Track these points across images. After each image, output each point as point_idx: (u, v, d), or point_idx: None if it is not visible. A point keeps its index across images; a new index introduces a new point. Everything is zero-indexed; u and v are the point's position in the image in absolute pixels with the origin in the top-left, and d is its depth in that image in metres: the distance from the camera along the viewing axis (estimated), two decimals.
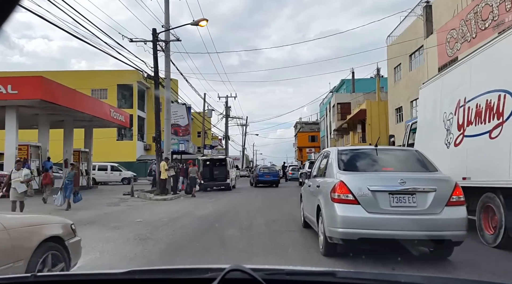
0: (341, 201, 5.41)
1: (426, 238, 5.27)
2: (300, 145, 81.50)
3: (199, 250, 6.47)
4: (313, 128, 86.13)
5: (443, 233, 5.22)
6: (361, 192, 5.33)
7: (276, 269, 1.48)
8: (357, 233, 5.30)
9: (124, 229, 8.51)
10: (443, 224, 5.21)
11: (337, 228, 5.40)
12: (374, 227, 5.25)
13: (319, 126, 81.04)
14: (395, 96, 31.06)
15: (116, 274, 1.48)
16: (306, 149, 75.16)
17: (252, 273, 1.23)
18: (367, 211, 5.27)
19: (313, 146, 74.80)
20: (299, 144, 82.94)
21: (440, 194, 5.31)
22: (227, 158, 24.08)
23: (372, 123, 34.86)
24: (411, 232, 5.19)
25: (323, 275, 1.45)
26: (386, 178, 5.66)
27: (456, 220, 5.27)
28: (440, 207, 5.26)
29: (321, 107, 64.54)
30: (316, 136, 79.23)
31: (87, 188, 25.50)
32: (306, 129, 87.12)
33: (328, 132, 52.52)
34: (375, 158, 6.19)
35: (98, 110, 22.88)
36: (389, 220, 5.22)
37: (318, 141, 75.09)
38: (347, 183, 5.45)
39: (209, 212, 11.76)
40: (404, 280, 1.33)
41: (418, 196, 5.29)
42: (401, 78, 29.90)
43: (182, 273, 1.56)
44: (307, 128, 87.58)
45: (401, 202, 5.27)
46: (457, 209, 5.34)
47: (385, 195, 5.30)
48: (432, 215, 5.23)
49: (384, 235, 5.24)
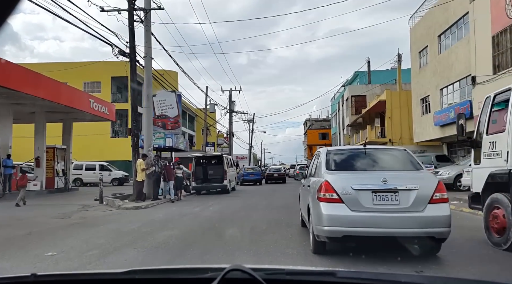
0: (326, 200, 5.52)
1: (409, 235, 5.38)
2: (310, 142, 77.81)
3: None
4: (323, 125, 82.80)
5: (426, 230, 5.32)
6: (345, 191, 5.44)
7: (276, 268, 1.49)
8: (341, 230, 5.38)
9: None
10: (426, 221, 5.30)
11: (322, 226, 5.48)
12: (358, 225, 5.34)
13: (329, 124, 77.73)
14: (420, 84, 27.08)
15: (116, 274, 1.48)
16: (316, 147, 71.17)
17: (252, 272, 1.22)
18: (351, 209, 5.38)
19: (323, 143, 70.86)
20: (309, 141, 79.22)
21: (423, 192, 5.38)
22: (223, 155, 20.46)
23: (392, 116, 30.91)
24: (394, 229, 5.30)
25: (323, 275, 1.47)
26: (369, 177, 5.74)
27: (439, 217, 5.33)
28: (423, 205, 5.34)
29: (332, 102, 60.42)
30: (326, 133, 75.73)
31: (65, 190, 22.02)
32: (316, 127, 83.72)
33: (340, 128, 48.56)
34: (362, 158, 6.28)
35: (71, 99, 19.27)
36: (372, 217, 5.32)
37: (329, 138, 71.43)
38: (332, 183, 5.57)
39: (180, 233, 8.02)
40: (404, 280, 1.32)
41: (401, 194, 5.38)
42: (428, 63, 25.91)
43: (182, 272, 1.56)
44: (317, 126, 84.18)
45: (383, 200, 5.37)
46: (440, 206, 5.41)
47: (368, 193, 5.41)
48: (415, 213, 5.32)
49: (367, 232, 5.35)
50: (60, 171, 22.18)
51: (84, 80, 40.23)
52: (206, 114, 42.35)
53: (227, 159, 21.20)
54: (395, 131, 30.73)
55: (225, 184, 19.41)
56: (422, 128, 26.92)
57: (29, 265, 5.33)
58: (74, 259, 5.63)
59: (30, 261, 5.66)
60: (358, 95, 40.68)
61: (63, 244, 6.89)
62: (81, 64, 41.14)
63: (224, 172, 19.35)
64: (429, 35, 25.52)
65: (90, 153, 35.75)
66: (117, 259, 5.62)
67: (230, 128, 43.23)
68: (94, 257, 5.77)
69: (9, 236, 7.85)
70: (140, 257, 5.72)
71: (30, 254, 6.08)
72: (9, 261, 5.70)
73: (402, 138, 30.64)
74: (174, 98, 18.72)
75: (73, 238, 7.65)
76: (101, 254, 5.96)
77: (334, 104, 56.58)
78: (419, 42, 27.14)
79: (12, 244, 7.01)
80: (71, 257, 5.80)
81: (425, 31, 26.19)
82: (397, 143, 30.52)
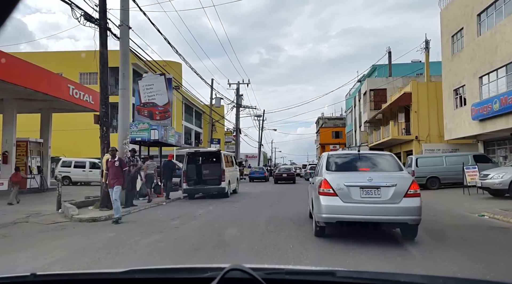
0: (325, 194, 6.87)
1: (389, 221, 6.74)
2: (323, 141, 74.24)
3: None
4: (336, 123, 79.57)
5: (401, 217, 6.63)
6: (339, 187, 6.79)
7: (276, 268, 1.48)
8: (335, 217, 6.78)
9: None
10: (402, 211, 6.59)
11: (321, 214, 6.87)
12: (348, 213, 6.72)
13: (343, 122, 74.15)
14: (453, 73, 23.44)
15: (115, 274, 1.49)
16: (329, 146, 67.76)
17: (252, 272, 1.22)
18: (343, 201, 6.74)
19: (337, 142, 67.27)
20: (321, 140, 75.66)
21: (400, 188, 6.65)
22: (221, 152, 17.19)
23: (419, 110, 27.26)
24: (376, 216, 6.68)
25: (323, 275, 1.47)
26: (358, 176, 7.06)
27: (412, 208, 6.59)
28: (399, 198, 6.62)
29: (347, 99, 56.64)
30: (340, 132, 72.19)
31: (40, 191, 18.97)
32: (329, 125, 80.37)
33: (357, 125, 44.91)
34: (356, 161, 7.73)
35: (43, 84, 16.15)
36: (359, 207, 6.67)
37: (343, 137, 67.82)
38: (329, 180, 6.93)
39: None
40: (404, 279, 1.36)
41: (382, 190, 6.68)
42: (464, 47, 22.26)
43: (181, 272, 1.57)
44: (330, 124, 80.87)
45: (368, 194, 6.71)
46: (413, 199, 6.63)
47: (356, 189, 6.75)
48: (393, 204, 6.61)
49: (355, 218, 6.75)
50: (34, 168, 19.12)
51: (81, 70, 37.37)
52: (211, 109, 39.15)
53: (227, 156, 17.86)
54: (422, 128, 27.09)
55: (222, 186, 16.09)
56: (456, 124, 23.27)
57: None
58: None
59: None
60: (378, 88, 37.02)
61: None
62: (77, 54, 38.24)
63: (221, 171, 16.04)
64: (466, 15, 21.89)
65: (81, 149, 32.87)
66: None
67: (237, 124, 39.97)
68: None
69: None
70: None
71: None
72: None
73: (430, 135, 27.01)
74: (164, 82, 15.46)
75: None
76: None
77: (349, 100, 52.86)
78: (452, 24, 23.50)
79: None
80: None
81: (460, 11, 22.56)
82: (424, 140, 26.92)
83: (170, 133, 16.19)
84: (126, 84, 12.49)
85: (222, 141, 48.09)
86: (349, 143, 51.63)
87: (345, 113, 63.07)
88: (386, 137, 29.63)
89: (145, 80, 15.80)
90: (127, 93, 12.70)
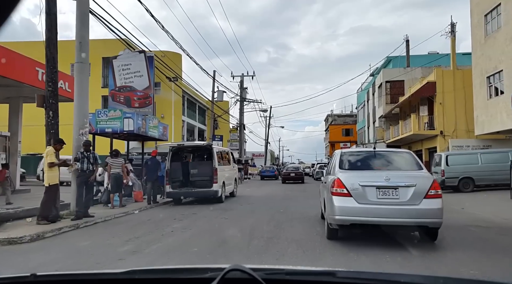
0: (338, 194, 6.40)
1: (407, 224, 6.29)
2: (333, 139, 71.17)
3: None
4: (346, 121, 76.42)
5: (421, 220, 6.18)
6: (353, 187, 6.31)
7: (276, 268, 1.48)
8: (349, 219, 6.31)
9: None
10: (422, 213, 6.10)
11: (334, 216, 6.40)
12: (363, 215, 6.24)
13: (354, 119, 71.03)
14: (487, 57, 20.27)
15: (116, 274, 1.49)
16: (340, 144, 64.60)
17: (252, 272, 1.21)
18: (358, 202, 6.25)
19: (347, 140, 64.06)
20: (331, 138, 72.59)
21: (420, 188, 6.18)
22: (213, 147, 14.00)
23: (444, 101, 24.10)
24: (394, 219, 6.19)
25: (323, 275, 1.46)
26: (374, 175, 6.61)
27: (433, 209, 6.11)
28: (419, 199, 6.14)
29: (358, 94, 53.31)
30: (351, 129, 69.10)
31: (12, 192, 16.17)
32: (339, 122, 77.04)
33: (370, 121, 41.71)
34: (371, 159, 7.19)
35: None
36: (375, 209, 6.19)
37: (353, 134, 64.71)
38: (343, 180, 6.45)
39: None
40: (404, 280, 1.34)
41: (401, 190, 6.21)
42: (501, 27, 19.08)
43: (182, 272, 1.55)
44: (340, 121, 77.69)
45: (386, 195, 6.23)
46: (434, 201, 6.17)
47: (372, 189, 6.27)
48: (412, 206, 6.13)
49: (371, 221, 6.27)
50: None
51: (72, 61, 34.61)
52: (213, 103, 36.30)
53: (221, 153, 14.89)
54: (447, 122, 23.93)
55: (214, 189, 13.05)
56: (490, 116, 20.12)
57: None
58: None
59: None
60: (394, 80, 33.84)
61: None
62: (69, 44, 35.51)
63: (213, 171, 13.15)
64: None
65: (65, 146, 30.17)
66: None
67: (240, 119, 37.05)
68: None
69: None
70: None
71: None
72: None
73: (456, 130, 23.84)
74: (144, 62, 12.62)
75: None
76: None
77: (361, 95, 49.63)
78: (485, 1, 20.34)
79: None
80: None
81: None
82: (450, 136, 23.77)
83: (151, 124, 13.22)
84: (84, 59, 9.65)
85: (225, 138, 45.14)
86: (361, 140, 48.41)
87: (356, 109, 59.79)
88: (405, 132, 26.45)
89: (121, 59, 12.94)
90: (86, 69, 9.87)
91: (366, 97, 44.44)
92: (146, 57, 12.75)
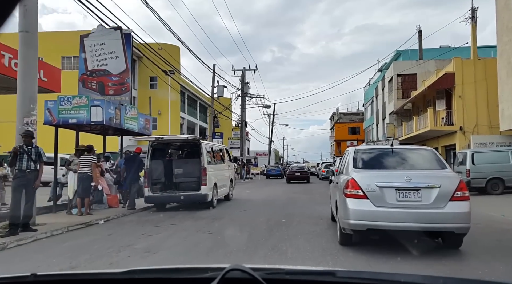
0: (352, 196, 5.77)
1: (431, 230, 5.63)
2: (339, 138, 69.02)
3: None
4: (353, 119, 74.25)
5: (446, 225, 5.53)
6: (370, 188, 5.70)
7: (276, 268, 1.45)
8: (365, 224, 5.66)
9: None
10: (447, 217, 5.49)
11: (348, 220, 5.76)
12: (381, 219, 5.60)
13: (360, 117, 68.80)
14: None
15: (116, 274, 1.48)
16: (346, 142, 62.42)
17: (252, 272, 1.20)
18: (375, 205, 5.62)
19: (354, 138, 61.80)
20: (337, 137, 70.40)
21: (444, 190, 5.56)
22: (202, 142, 11.53)
23: (464, 94, 21.84)
24: (415, 224, 5.52)
25: (323, 275, 1.45)
26: (393, 175, 5.98)
27: (459, 213, 5.50)
28: (444, 202, 5.53)
29: (366, 90, 50.97)
30: (358, 127, 66.91)
31: None
32: (345, 120, 74.70)
33: (379, 118, 39.46)
34: (388, 157, 6.51)
35: None
36: (395, 213, 5.56)
37: (360, 133, 62.51)
38: (358, 180, 5.83)
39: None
40: (404, 279, 1.32)
41: (423, 192, 5.59)
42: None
43: (182, 272, 1.54)
44: (346, 119, 75.40)
45: (406, 197, 5.61)
46: (461, 203, 5.56)
47: (391, 190, 5.64)
48: (436, 209, 5.51)
49: (390, 226, 5.61)
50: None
51: (63, 54, 32.72)
52: (213, 98, 34.25)
53: (212, 149, 12.71)
54: (468, 116, 21.68)
55: (203, 192, 10.86)
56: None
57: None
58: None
59: None
60: (406, 74, 31.61)
61: None
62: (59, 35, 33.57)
63: (202, 170, 11.02)
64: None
65: (65, 144, 28.21)
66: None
67: (242, 116, 34.94)
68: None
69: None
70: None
71: None
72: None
73: (478, 126, 21.59)
74: (120, 40, 10.59)
75: None
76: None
77: (369, 91, 47.35)
78: None
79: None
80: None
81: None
82: (471, 132, 21.53)
83: (128, 114, 11.02)
84: (30, 25, 7.59)
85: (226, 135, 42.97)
86: (368, 139, 46.10)
87: (363, 106, 57.50)
88: (421, 129, 24.21)
89: (93, 38, 10.86)
90: (33, 41, 7.80)
91: (375, 92, 42.18)
92: (122, 35, 10.68)
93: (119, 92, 10.89)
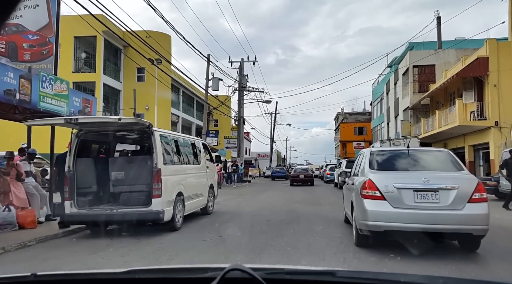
0: (369, 197, 5.78)
1: (448, 231, 5.59)
2: (344, 138, 65.70)
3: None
4: (359, 119, 70.96)
5: (464, 227, 5.49)
6: (387, 189, 5.70)
7: (276, 268, 1.43)
8: (383, 225, 5.67)
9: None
10: (465, 219, 5.47)
11: (365, 221, 5.79)
12: (399, 221, 5.59)
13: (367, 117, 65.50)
14: None
15: (116, 274, 1.47)
16: (352, 143, 59.02)
17: (252, 272, 1.20)
18: (393, 206, 5.63)
19: (361, 139, 58.39)
20: (342, 137, 67.05)
21: (463, 192, 5.55)
22: (155, 130, 7.47)
23: (501, 83, 18.34)
24: (433, 225, 5.51)
25: (323, 275, 1.43)
26: (411, 176, 5.97)
27: (478, 215, 5.48)
28: (462, 203, 5.51)
29: (374, 88, 47.27)
30: (364, 127, 63.54)
31: None
32: (350, 120, 71.26)
33: (391, 116, 35.91)
34: (405, 158, 6.48)
35: None
36: (413, 214, 5.54)
37: (367, 133, 59.07)
38: (375, 181, 5.83)
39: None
40: (404, 279, 1.31)
41: (441, 193, 5.58)
42: None
43: (182, 272, 1.54)
44: (351, 119, 71.93)
45: (424, 198, 5.59)
46: (479, 205, 5.52)
47: (409, 192, 5.63)
48: (454, 211, 5.50)
49: (408, 227, 5.57)
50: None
51: (76, 34, 29.17)
52: (207, 92, 30.87)
53: (176, 142, 8.68)
54: (506, 109, 18.15)
55: (155, 209, 7.22)
56: None
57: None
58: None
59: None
60: (423, 65, 28.15)
61: None
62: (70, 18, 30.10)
63: (154, 174, 7.26)
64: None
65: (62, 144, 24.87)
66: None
67: (239, 112, 31.53)
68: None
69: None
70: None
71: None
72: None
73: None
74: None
75: None
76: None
77: (377, 89, 43.79)
78: None
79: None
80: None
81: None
82: (510, 128, 18.00)
83: (48, 89, 7.21)
84: None
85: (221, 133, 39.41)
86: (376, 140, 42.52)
87: (371, 105, 53.96)
88: (446, 125, 20.64)
89: None
90: None
91: (385, 88, 38.63)
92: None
93: (39, 57, 7.49)
